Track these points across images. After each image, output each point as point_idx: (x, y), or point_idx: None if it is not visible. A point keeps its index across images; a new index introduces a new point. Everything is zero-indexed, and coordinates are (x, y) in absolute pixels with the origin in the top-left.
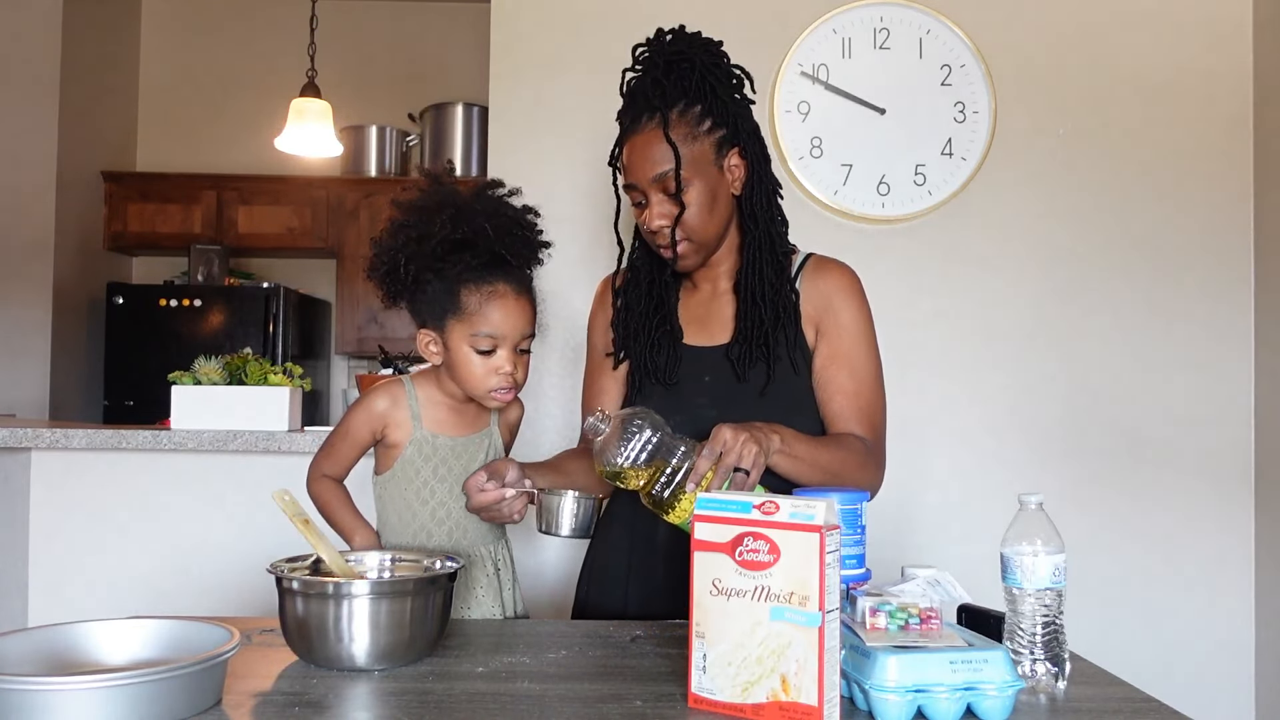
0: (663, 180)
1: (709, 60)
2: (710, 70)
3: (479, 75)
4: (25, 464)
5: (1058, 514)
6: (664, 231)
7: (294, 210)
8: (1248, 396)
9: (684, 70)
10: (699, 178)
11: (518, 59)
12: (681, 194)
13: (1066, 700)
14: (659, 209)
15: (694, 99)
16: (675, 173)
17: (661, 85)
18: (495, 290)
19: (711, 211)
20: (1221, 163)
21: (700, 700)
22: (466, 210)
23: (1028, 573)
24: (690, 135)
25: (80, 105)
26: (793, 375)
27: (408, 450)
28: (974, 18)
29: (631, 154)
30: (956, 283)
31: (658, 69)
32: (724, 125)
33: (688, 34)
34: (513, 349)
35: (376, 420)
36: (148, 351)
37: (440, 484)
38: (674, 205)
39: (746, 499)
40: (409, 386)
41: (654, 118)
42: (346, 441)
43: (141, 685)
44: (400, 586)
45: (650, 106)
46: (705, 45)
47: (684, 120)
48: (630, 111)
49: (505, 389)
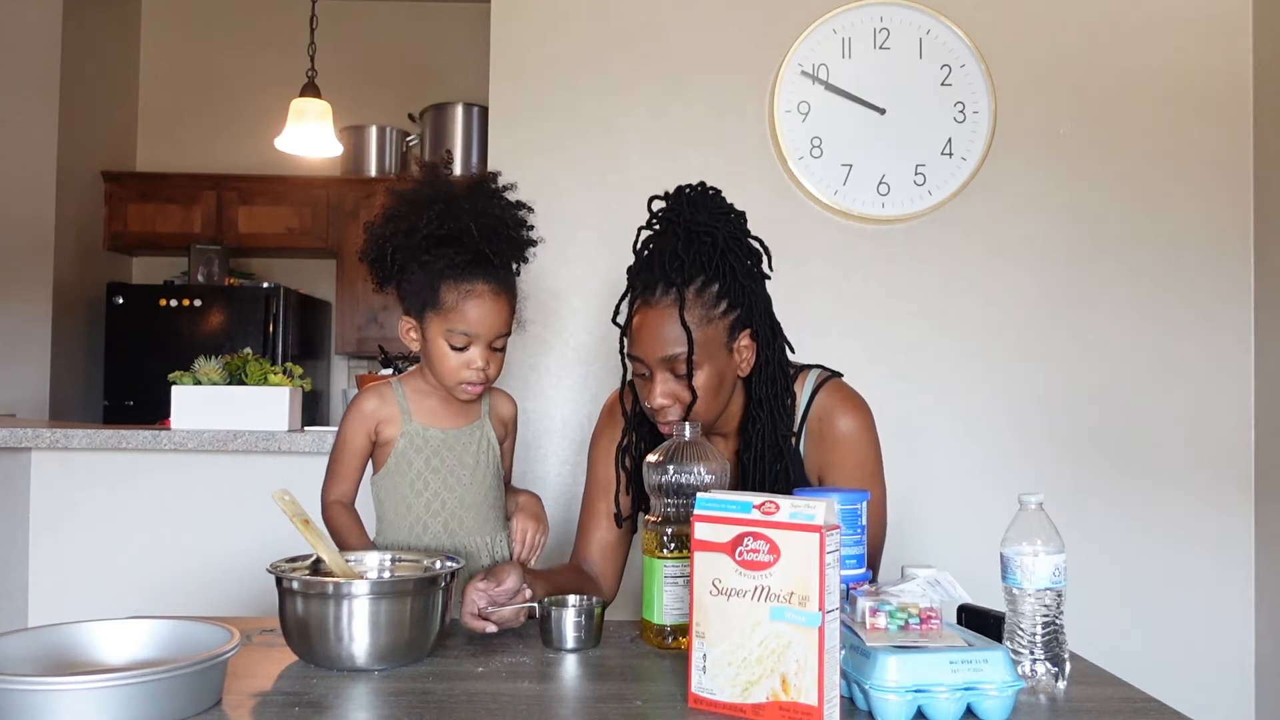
0: (672, 362)
1: (731, 234)
2: (732, 247)
3: (479, 75)
4: (25, 464)
5: (1058, 514)
6: (666, 410)
7: (294, 210)
8: (1248, 397)
9: (705, 244)
10: (709, 362)
11: (518, 59)
12: (690, 378)
13: (1066, 700)
14: (663, 387)
15: (712, 277)
16: (688, 358)
17: (680, 260)
18: (473, 289)
19: (717, 394)
20: (1221, 162)
21: (700, 700)
22: (455, 207)
23: (1028, 573)
24: (705, 317)
25: (80, 105)
26: None
27: (400, 443)
28: (974, 18)
29: (642, 328)
30: (956, 283)
31: (678, 239)
32: (739, 306)
33: (710, 198)
34: (486, 346)
35: (369, 420)
36: (148, 351)
37: (434, 475)
38: (681, 387)
39: (746, 499)
40: (395, 385)
41: (669, 293)
42: (346, 453)
43: (141, 685)
44: (400, 586)
45: (667, 280)
46: (727, 213)
47: (700, 300)
48: (644, 277)
49: (475, 384)
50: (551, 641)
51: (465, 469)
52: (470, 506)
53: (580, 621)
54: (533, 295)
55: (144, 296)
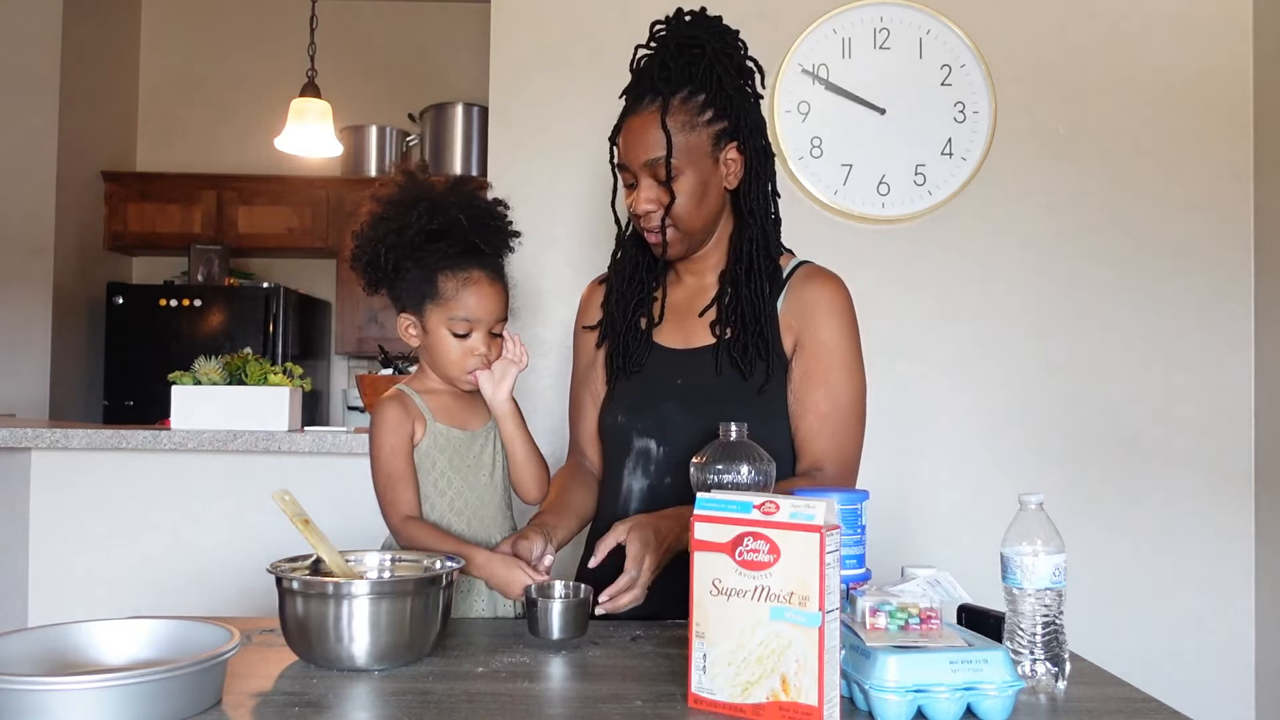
0: (653, 166)
1: (721, 48)
2: (720, 59)
3: (479, 75)
4: (25, 464)
5: (1058, 514)
6: (650, 216)
7: (294, 210)
8: (1248, 396)
9: (694, 55)
10: (691, 167)
11: (518, 59)
12: (671, 182)
13: (1066, 700)
14: (647, 193)
15: (699, 87)
16: (666, 160)
17: (668, 69)
18: (470, 276)
19: (700, 202)
20: (1221, 162)
21: (700, 700)
22: (441, 203)
23: (1028, 573)
24: (688, 124)
25: (80, 105)
26: (765, 380)
27: (424, 443)
28: (974, 18)
29: (627, 135)
30: (956, 283)
31: (668, 50)
32: (726, 117)
33: (706, 18)
34: (487, 332)
35: (403, 426)
36: (148, 351)
37: (456, 474)
38: (663, 192)
39: (746, 499)
40: (407, 390)
41: (654, 101)
42: (395, 463)
43: (141, 685)
44: (400, 586)
45: (653, 89)
46: (721, 33)
47: (685, 108)
48: (634, 90)
49: (481, 370)
50: (539, 631)
51: (484, 469)
52: (490, 503)
53: (567, 613)
54: (532, 295)
55: (144, 296)
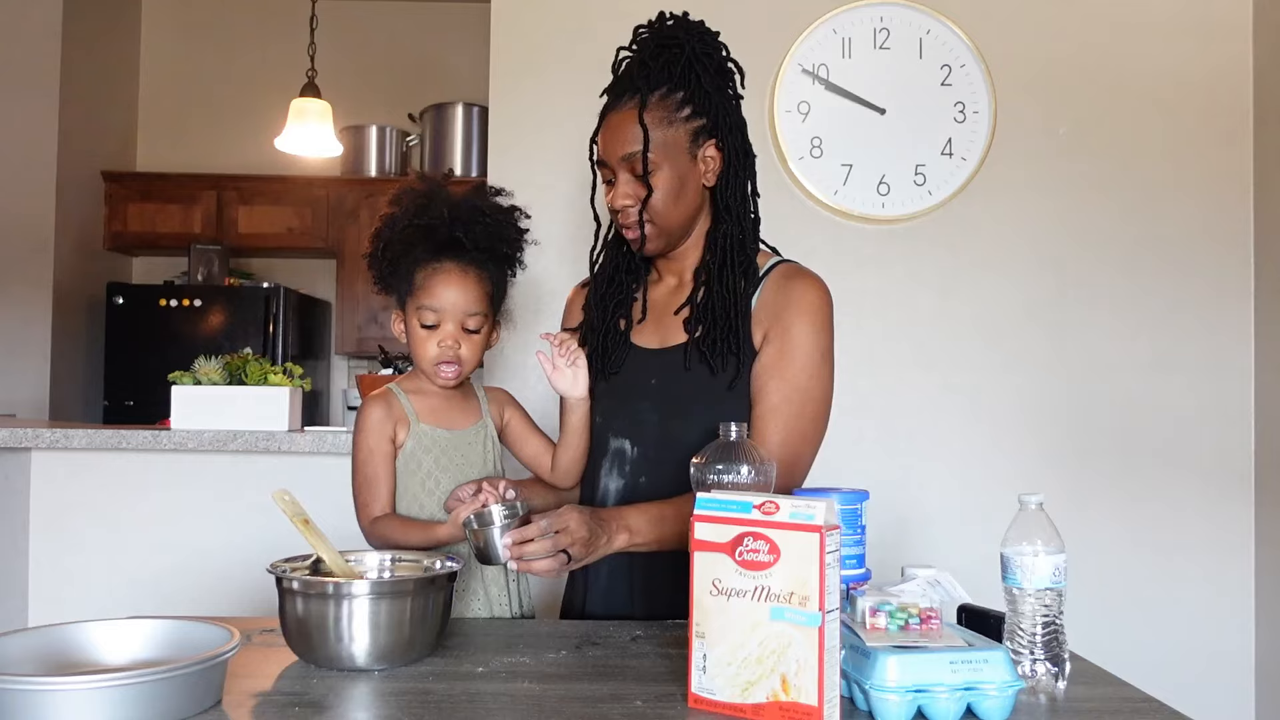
0: (631, 160)
1: (700, 49)
2: (699, 59)
3: (479, 75)
4: (25, 464)
5: (1058, 514)
6: (628, 211)
7: (294, 210)
8: (1248, 396)
9: (672, 55)
10: (668, 163)
11: (518, 59)
12: (649, 177)
13: (1066, 700)
14: (624, 188)
15: (677, 85)
16: (643, 154)
17: (647, 67)
18: (440, 268)
19: (678, 198)
20: (1221, 163)
21: (700, 700)
22: (435, 197)
23: (1028, 573)
24: (666, 119)
25: (80, 105)
26: (735, 376)
27: (409, 444)
28: (974, 18)
29: (606, 131)
30: (956, 283)
31: (647, 50)
32: (704, 115)
33: (688, 21)
34: (457, 325)
35: (384, 425)
36: (148, 351)
37: (444, 474)
38: (640, 186)
39: (746, 499)
40: (395, 389)
41: (633, 98)
42: (373, 462)
43: (141, 685)
44: (400, 586)
45: (632, 87)
46: (701, 34)
47: (663, 104)
48: (614, 89)
49: (449, 363)
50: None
51: (473, 468)
52: None
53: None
54: (531, 295)
55: (144, 296)
